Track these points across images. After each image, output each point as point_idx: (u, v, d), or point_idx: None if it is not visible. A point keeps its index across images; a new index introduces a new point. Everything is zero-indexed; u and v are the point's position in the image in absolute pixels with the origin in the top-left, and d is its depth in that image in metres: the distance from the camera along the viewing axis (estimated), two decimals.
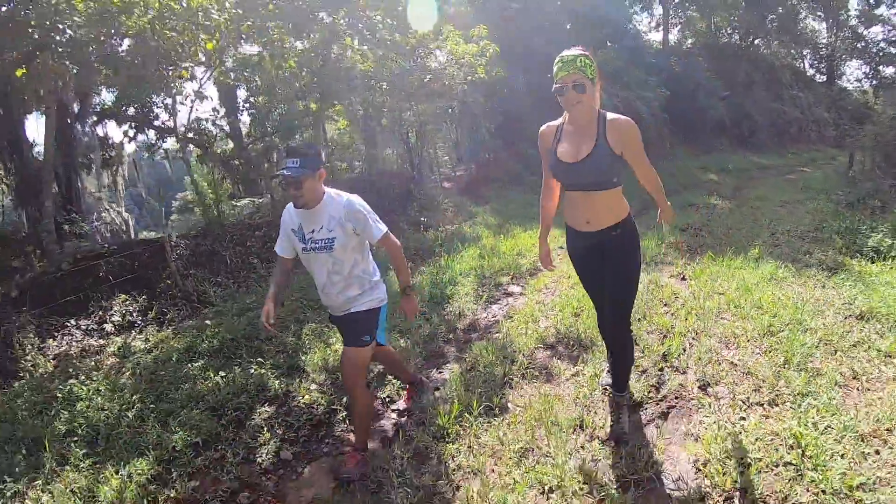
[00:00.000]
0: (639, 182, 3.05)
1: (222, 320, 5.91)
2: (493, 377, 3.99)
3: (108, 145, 15.58)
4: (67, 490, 3.24)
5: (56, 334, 6.60)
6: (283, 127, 10.41)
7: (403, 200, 10.49)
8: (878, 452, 2.64)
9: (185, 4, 6.66)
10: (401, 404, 3.96)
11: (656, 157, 17.85)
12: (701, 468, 2.68)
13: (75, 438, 3.79)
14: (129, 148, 16.45)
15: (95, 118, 14.47)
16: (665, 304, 5.01)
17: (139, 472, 3.32)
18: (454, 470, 3.05)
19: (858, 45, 32.47)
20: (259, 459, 3.49)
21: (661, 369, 3.76)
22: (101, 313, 7.02)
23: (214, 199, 27.88)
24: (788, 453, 2.63)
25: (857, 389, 3.22)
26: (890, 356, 3.54)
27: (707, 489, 2.54)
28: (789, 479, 2.48)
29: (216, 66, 8.92)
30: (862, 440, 2.71)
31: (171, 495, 3.20)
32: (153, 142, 18.25)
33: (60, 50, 6.68)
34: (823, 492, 2.38)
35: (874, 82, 33.12)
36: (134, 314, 7.00)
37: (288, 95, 10.03)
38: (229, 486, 3.25)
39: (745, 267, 5.77)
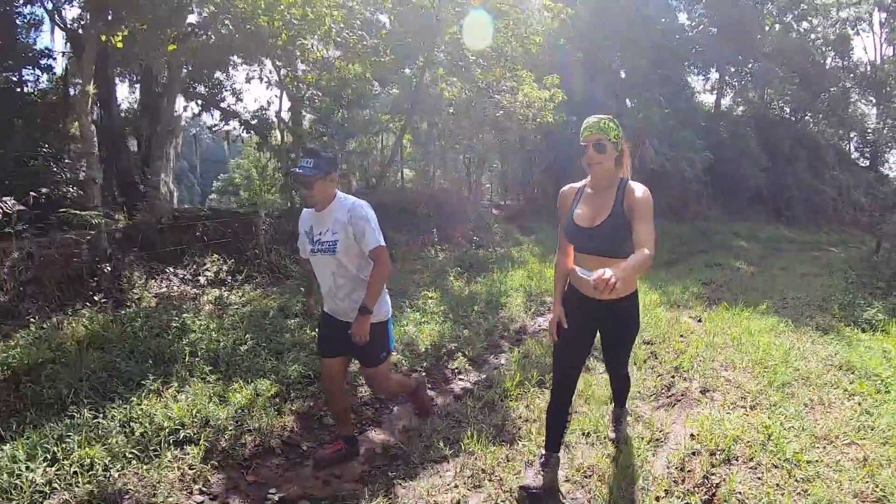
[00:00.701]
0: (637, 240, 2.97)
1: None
2: (543, 363, 5.21)
3: (173, 118, 17.06)
4: (201, 394, 4.19)
5: (157, 277, 7.87)
6: (344, 130, 11.64)
7: (459, 217, 11.78)
8: (824, 447, 3.80)
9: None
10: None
11: (692, 217, 19.08)
12: (695, 436, 3.87)
13: (197, 358, 4.82)
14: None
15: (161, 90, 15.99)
16: (681, 336, 6.21)
17: (264, 388, 4.50)
18: (516, 418, 4.27)
19: None
20: (359, 394, 4.73)
21: (673, 377, 4.97)
22: (195, 267, 8.30)
23: (260, 185, 29.72)
24: (758, 434, 3.82)
25: (820, 410, 4.38)
26: (853, 395, 4.67)
27: (697, 448, 3.72)
28: (756, 448, 3.65)
29: (287, 62, 10.10)
30: (814, 438, 3.88)
31: (293, 408, 4.42)
32: (216, 122, 19.70)
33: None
34: (779, 458, 3.55)
35: None
36: (224, 273, 8.28)
37: (352, 102, 11.35)
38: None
39: (752, 318, 6.94)
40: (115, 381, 4.31)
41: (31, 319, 5.85)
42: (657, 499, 3.14)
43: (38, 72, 14.95)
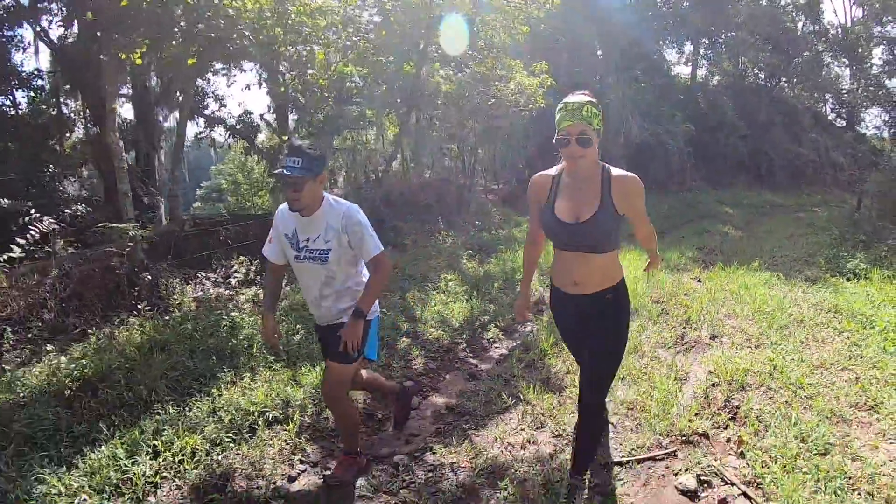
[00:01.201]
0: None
1: None
2: None
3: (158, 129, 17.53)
4: (275, 380, 4.66)
5: (191, 282, 8.39)
6: (330, 126, 12.10)
7: (459, 205, 12.44)
8: (821, 372, 4.51)
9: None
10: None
11: (678, 189, 19.88)
12: (712, 372, 4.58)
13: (256, 351, 5.24)
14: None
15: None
16: (685, 294, 6.95)
17: None
18: (558, 372, 4.96)
19: (880, 94, 34.28)
20: (414, 367, 5.38)
21: (684, 328, 5.71)
22: (224, 270, 8.83)
23: (248, 190, 30.19)
24: (765, 367, 4.53)
25: (814, 345, 5.11)
26: (842, 332, 5.40)
27: (715, 381, 4.43)
28: (765, 376, 4.37)
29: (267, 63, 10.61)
30: (812, 366, 4.60)
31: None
32: (201, 130, 20.10)
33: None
34: (785, 383, 4.26)
35: (893, 130, 35.06)
36: (252, 273, 8.81)
37: (340, 98, 11.87)
38: (400, 380, 5.07)
39: (746, 275, 7.71)
40: (188, 378, 4.67)
41: (88, 331, 6.34)
42: (690, 420, 3.83)
43: (31, 93, 15.38)
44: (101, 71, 12.69)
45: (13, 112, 14.52)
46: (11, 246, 6.94)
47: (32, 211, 7.35)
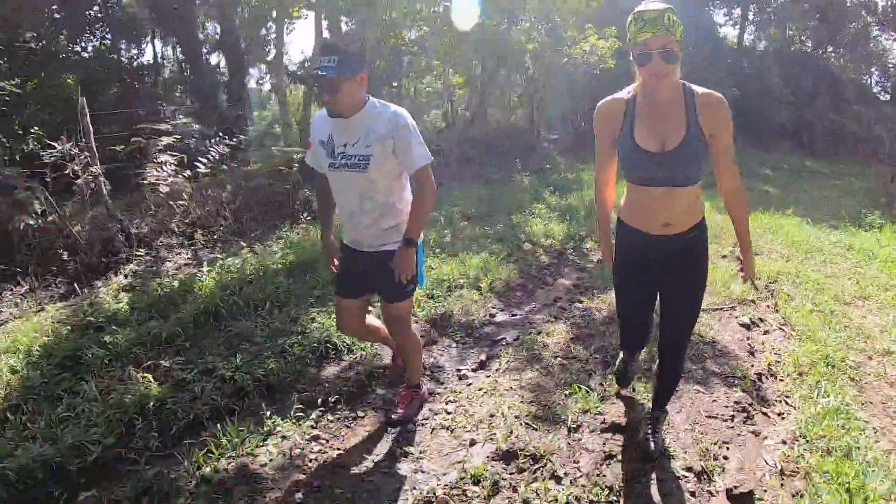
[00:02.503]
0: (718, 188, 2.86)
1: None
2: None
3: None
4: (447, 263, 6.81)
5: None
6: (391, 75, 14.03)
7: (528, 152, 14.59)
8: (834, 280, 6.73)
9: None
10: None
11: None
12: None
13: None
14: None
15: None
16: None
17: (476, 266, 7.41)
18: None
19: None
20: (541, 261, 7.62)
21: (733, 247, 7.93)
22: None
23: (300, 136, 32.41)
24: (793, 271, 6.72)
25: (830, 265, 7.29)
26: (849, 259, 7.61)
27: (758, 276, 6.66)
28: (793, 276, 6.57)
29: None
30: (827, 276, 6.79)
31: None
32: (262, 75, 22.10)
33: None
34: (807, 280, 6.46)
35: None
36: None
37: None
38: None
39: (782, 218, 9.88)
40: None
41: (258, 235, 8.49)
42: (740, 302, 6.00)
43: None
44: (193, 18, 14.90)
45: (114, 56, 16.59)
46: (196, 164, 9.16)
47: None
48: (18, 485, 3.06)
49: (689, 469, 3.22)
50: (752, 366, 4.50)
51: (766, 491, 3.07)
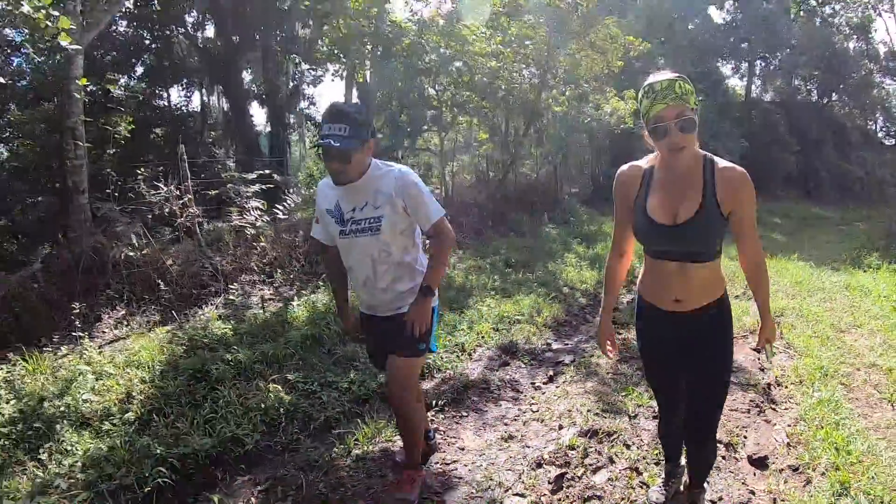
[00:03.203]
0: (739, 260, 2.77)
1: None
2: None
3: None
4: (502, 304, 8.46)
5: None
6: (413, 127, 15.28)
7: (552, 205, 16.12)
8: (832, 312, 8.09)
9: None
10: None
11: None
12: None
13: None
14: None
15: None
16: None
17: (538, 297, 8.82)
18: None
19: None
20: (579, 303, 9.01)
21: (744, 290, 9.32)
22: None
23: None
24: (796, 307, 8.07)
25: (830, 301, 8.64)
26: (847, 295, 8.95)
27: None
28: (796, 311, 7.92)
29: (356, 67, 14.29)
30: (826, 310, 8.13)
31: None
32: (291, 124, 23.81)
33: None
34: (809, 314, 7.82)
35: None
36: None
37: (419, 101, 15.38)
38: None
39: (787, 262, 11.26)
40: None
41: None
42: (751, 332, 7.31)
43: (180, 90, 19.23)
44: (238, 69, 16.41)
45: (165, 104, 18.24)
46: (274, 209, 10.49)
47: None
48: (183, 470, 3.85)
49: (719, 442, 4.50)
50: (763, 378, 5.82)
51: (777, 456, 4.36)
